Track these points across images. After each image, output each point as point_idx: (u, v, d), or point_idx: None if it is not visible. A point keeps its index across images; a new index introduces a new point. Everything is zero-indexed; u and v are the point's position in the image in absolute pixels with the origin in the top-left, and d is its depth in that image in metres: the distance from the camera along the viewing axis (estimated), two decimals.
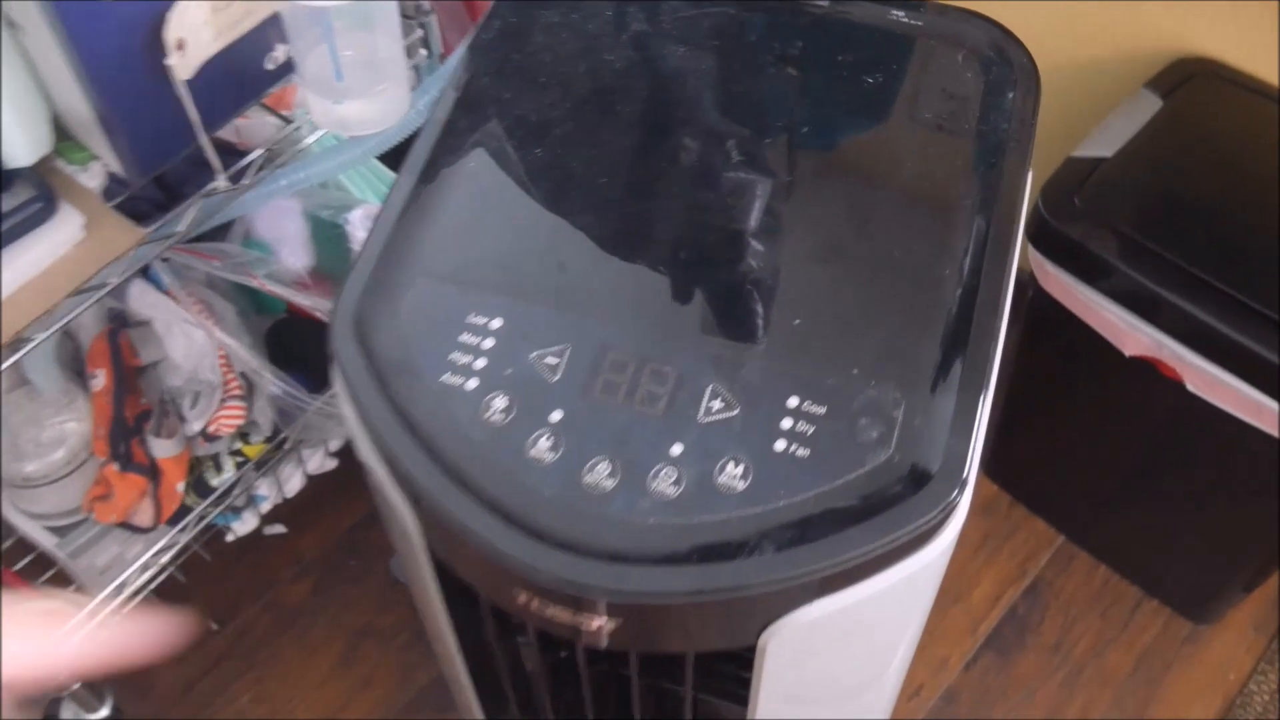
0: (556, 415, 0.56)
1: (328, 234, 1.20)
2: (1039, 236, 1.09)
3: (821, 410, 0.55)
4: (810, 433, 0.55)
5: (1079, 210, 1.08)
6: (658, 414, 0.56)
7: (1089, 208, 1.08)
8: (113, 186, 0.97)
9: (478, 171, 0.63)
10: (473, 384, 0.57)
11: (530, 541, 0.54)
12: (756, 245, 0.60)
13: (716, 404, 0.56)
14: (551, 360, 0.58)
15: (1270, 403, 1.02)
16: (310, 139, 1.03)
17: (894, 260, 0.60)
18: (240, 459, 1.20)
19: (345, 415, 0.61)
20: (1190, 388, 1.06)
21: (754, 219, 0.61)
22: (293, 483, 1.30)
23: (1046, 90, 0.69)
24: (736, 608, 0.55)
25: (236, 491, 1.21)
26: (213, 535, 1.28)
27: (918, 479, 0.54)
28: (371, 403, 0.58)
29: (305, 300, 1.12)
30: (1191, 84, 1.17)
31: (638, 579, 0.53)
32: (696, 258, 0.60)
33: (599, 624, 0.56)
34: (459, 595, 0.67)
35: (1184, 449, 1.18)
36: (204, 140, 0.90)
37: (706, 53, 0.68)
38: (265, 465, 1.22)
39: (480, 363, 0.58)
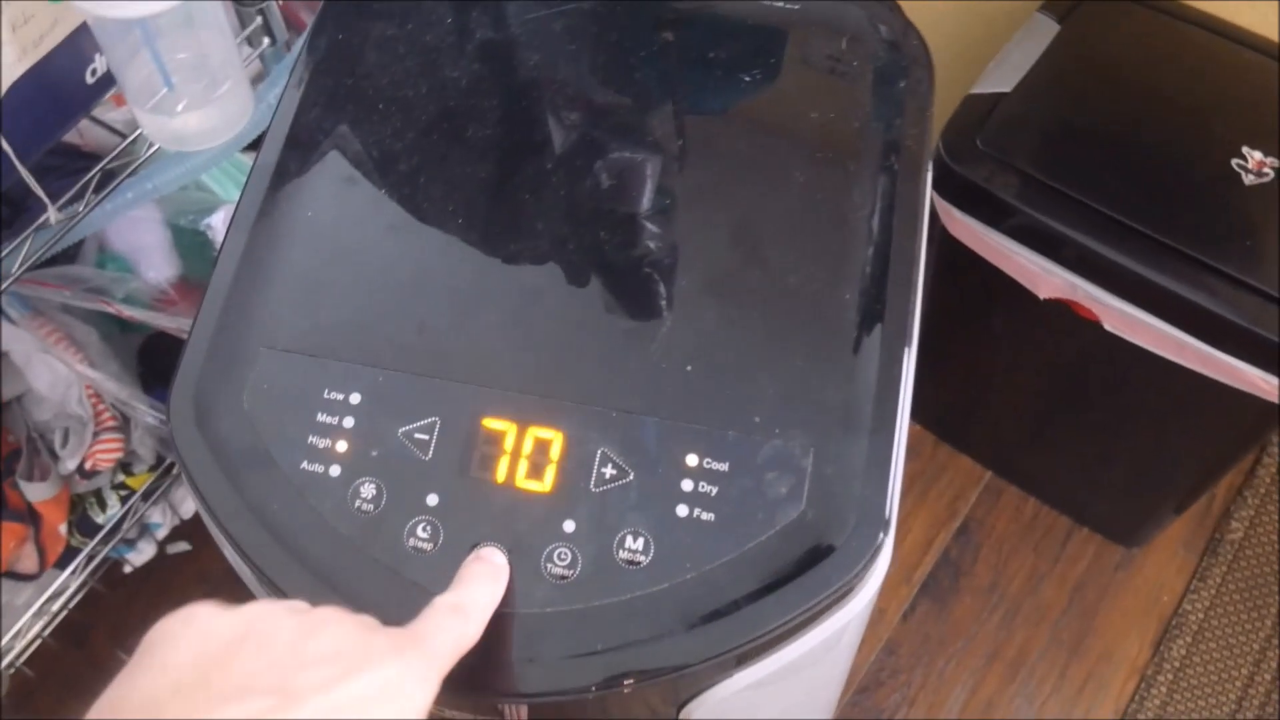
0: (433, 499, 0.51)
1: (191, 241, 1.11)
2: (942, 181, 1.04)
3: (724, 467, 0.50)
4: (714, 494, 0.50)
5: (981, 152, 1.03)
6: (545, 487, 0.50)
7: (991, 148, 1.03)
8: None
9: (317, 221, 0.56)
10: (336, 470, 0.51)
11: None
12: (637, 284, 0.54)
13: (609, 470, 0.51)
14: (421, 435, 0.51)
15: (1189, 339, 0.99)
16: (156, 146, 0.94)
17: (789, 288, 0.54)
18: (125, 492, 1.12)
19: (200, 510, 0.54)
20: (1107, 327, 1.03)
21: (632, 252, 0.55)
22: (188, 504, 1.22)
23: (939, 28, 0.63)
24: (651, 693, 0.50)
25: (126, 526, 1.13)
26: (111, 567, 1.20)
27: (835, 533, 0.49)
28: (223, 501, 0.51)
29: (169, 322, 1.03)
30: (1087, 3, 1.12)
31: (540, 678, 0.48)
32: (571, 303, 0.54)
33: None
34: None
35: (1105, 384, 1.15)
36: (24, 173, 0.81)
37: (564, 59, 0.61)
38: (154, 494, 1.14)
39: (342, 445, 0.51)
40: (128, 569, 1.22)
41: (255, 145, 1.05)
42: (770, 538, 0.49)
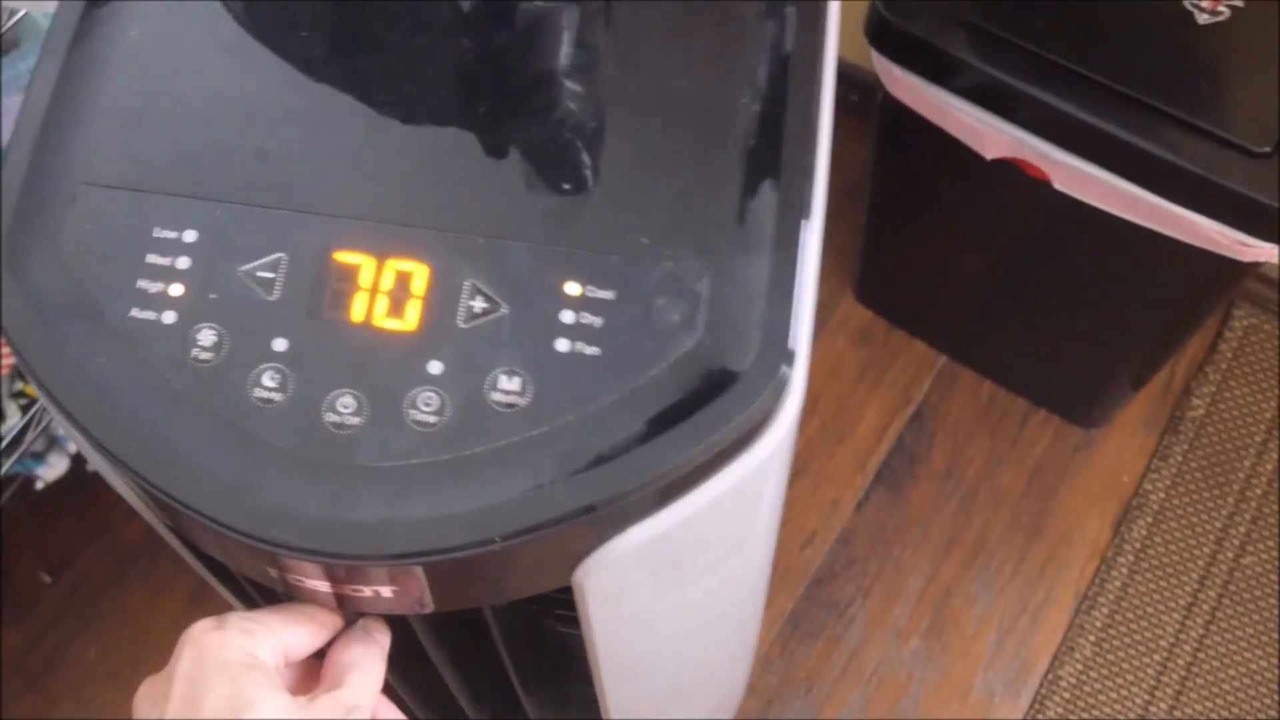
0: (280, 344, 0.44)
1: None
2: (880, 37, 0.98)
3: (609, 295, 0.44)
4: (598, 325, 0.44)
5: (923, 6, 0.96)
6: (408, 326, 0.44)
7: (933, 1, 0.96)
8: None
9: (142, 41, 0.49)
10: (170, 316, 0.45)
11: (266, 509, 0.43)
12: (502, 87, 0.48)
13: (478, 303, 0.44)
14: (265, 274, 0.45)
15: (1142, 193, 0.93)
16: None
17: (675, 92, 0.48)
18: (24, 400, 1.05)
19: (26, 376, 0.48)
20: (1057, 186, 0.97)
21: (500, 60, 0.49)
22: None
23: None
24: (534, 552, 0.44)
25: (29, 437, 1.07)
26: (21, 484, 1.14)
27: (735, 363, 0.44)
28: (42, 356, 0.45)
29: None
30: None
31: (406, 536, 0.42)
32: (427, 115, 0.48)
33: (370, 593, 0.45)
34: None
35: (1057, 251, 1.10)
36: None
37: None
38: None
39: (176, 288, 0.45)
40: (39, 485, 1.15)
41: None
42: (662, 371, 0.44)
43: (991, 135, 0.97)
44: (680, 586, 0.54)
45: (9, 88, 0.90)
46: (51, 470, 1.15)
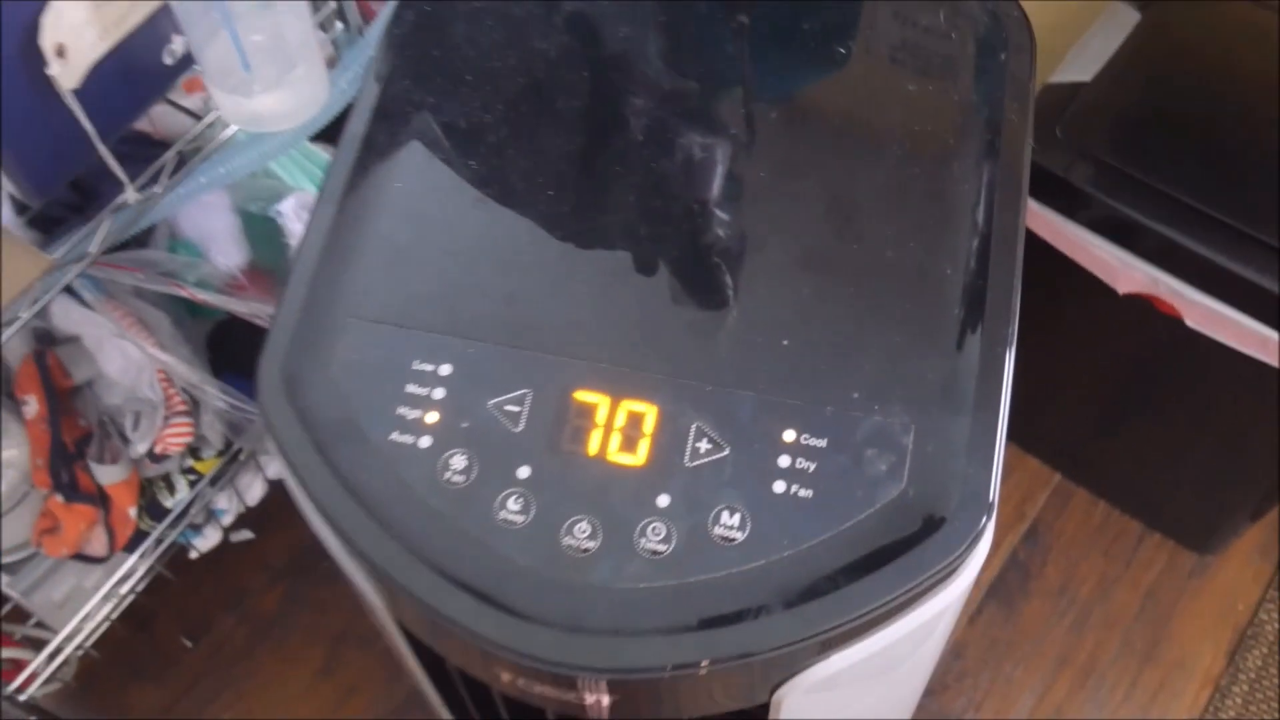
0: (524, 471, 0.50)
1: (261, 228, 1.12)
2: None
3: (822, 443, 0.49)
4: (811, 470, 0.49)
5: (1060, 141, 1.01)
6: (638, 461, 0.49)
7: (1070, 138, 1.01)
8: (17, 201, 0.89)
9: (406, 193, 0.56)
10: (426, 441, 0.50)
11: (509, 619, 0.48)
12: (729, 257, 0.53)
13: (703, 445, 0.49)
14: (512, 408, 0.51)
15: (1272, 334, 0.96)
16: (228, 132, 0.94)
17: (886, 260, 0.53)
18: (193, 476, 1.13)
19: (289, 485, 0.54)
20: (1190, 324, 1.01)
21: (728, 225, 0.54)
22: (253, 491, 1.23)
23: None
24: (745, 673, 0.49)
25: (193, 510, 1.14)
26: (176, 553, 1.21)
27: (936, 513, 0.48)
28: (313, 472, 0.51)
29: (241, 306, 1.03)
30: None
31: (633, 653, 0.47)
32: (663, 274, 0.53)
33: (593, 701, 0.50)
34: (437, 662, 0.61)
35: (1182, 382, 1.13)
36: (103, 152, 0.81)
37: (655, 31, 0.60)
38: (221, 479, 1.15)
39: (432, 416, 0.51)
40: (193, 555, 1.22)
41: (323, 136, 1.05)
42: (869, 516, 0.48)
43: (1124, 271, 1.01)
44: (859, 701, 0.58)
45: (206, 189, 0.98)
46: (205, 542, 1.22)
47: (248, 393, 1.09)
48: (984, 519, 0.48)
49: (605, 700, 0.50)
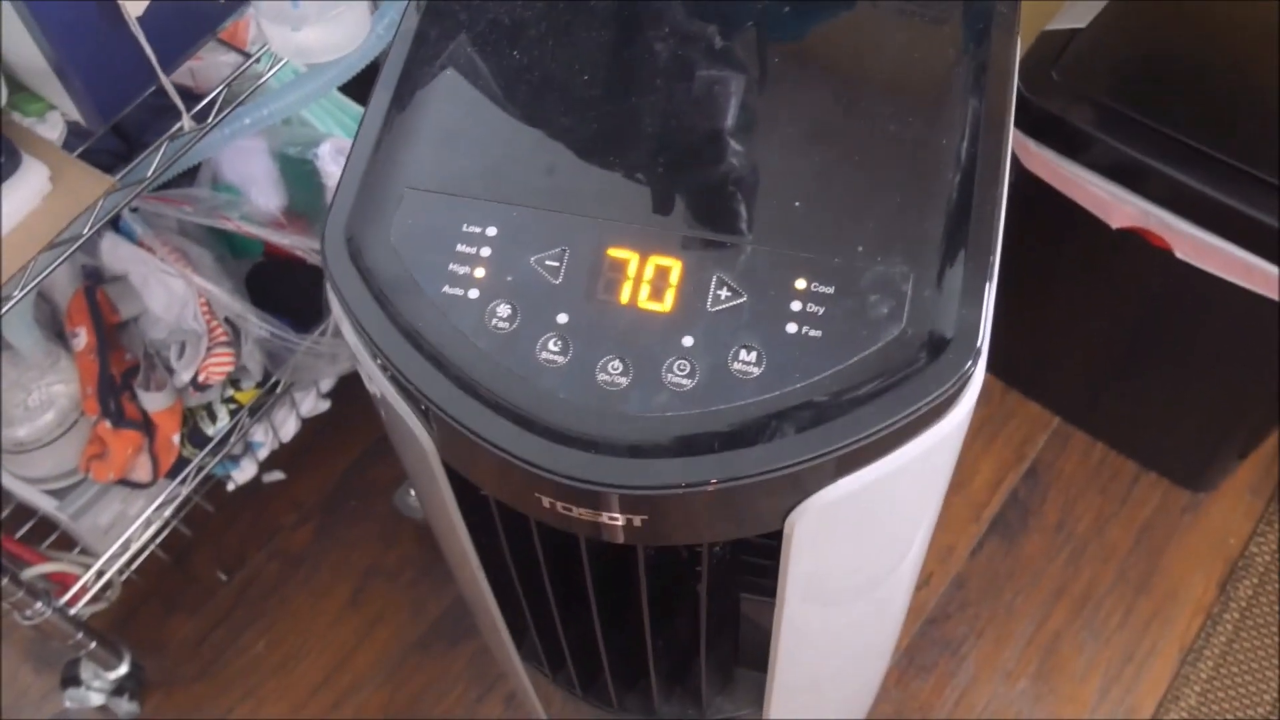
0: (563, 318, 0.56)
1: (297, 171, 1.18)
2: (1019, 114, 1.08)
3: (830, 290, 0.55)
4: (820, 313, 0.54)
5: (1057, 84, 1.07)
6: (665, 307, 0.55)
7: (1067, 81, 1.07)
8: (71, 139, 0.95)
9: (455, 80, 0.62)
10: (474, 293, 0.56)
11: (549, 444, 0.54)
12: (746, 135, 0.59)
13: (724, 293, 0.55)
14: (551, 263, 0.57)
15: (1263, 264, 1.02)
16: (270, 73, 1.01)
17: (887, 138, 0.58)
18: (234, 406, 1.19)
19: (347, 338, 0.60)
20: (1180, 255, 1.06)
21: (740, 110, 0.60)
22: (287, 427, 1.29)
23: None
24: (761, 493, 0.55)
25: (233, 439, 1.20)
26: (213, 486, 1.27)
27: (932, 350, 0.54)
28: (373, 321, 0.56)
29: (284, 239, 1.10)
30: None
31: (662, 471, 0.53)
32: (687, 151, 0.59)
33: (624, 521, 0.56)
34: (475, 509, 0.67)
35: (1175, 318, 1.18)
36: (164, 79, 0.87)
37: None
38: (259, 411, 1.21)
39: (479, 271, 0.57)
40: (230, 486, 1.28)
41: (351, 88, 1.11)
42: (873, 353, 0.54)
43: (1118, 206, 1.07)
44: (867, 539, 0.63)
45: (250, 130, 1.04)
46: (242, 474, 1.28)
47: (288, 324, 1.15)
48: (972, 354, 0.54)
49: (636, 520, 0.55)
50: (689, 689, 0.83)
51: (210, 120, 0.95)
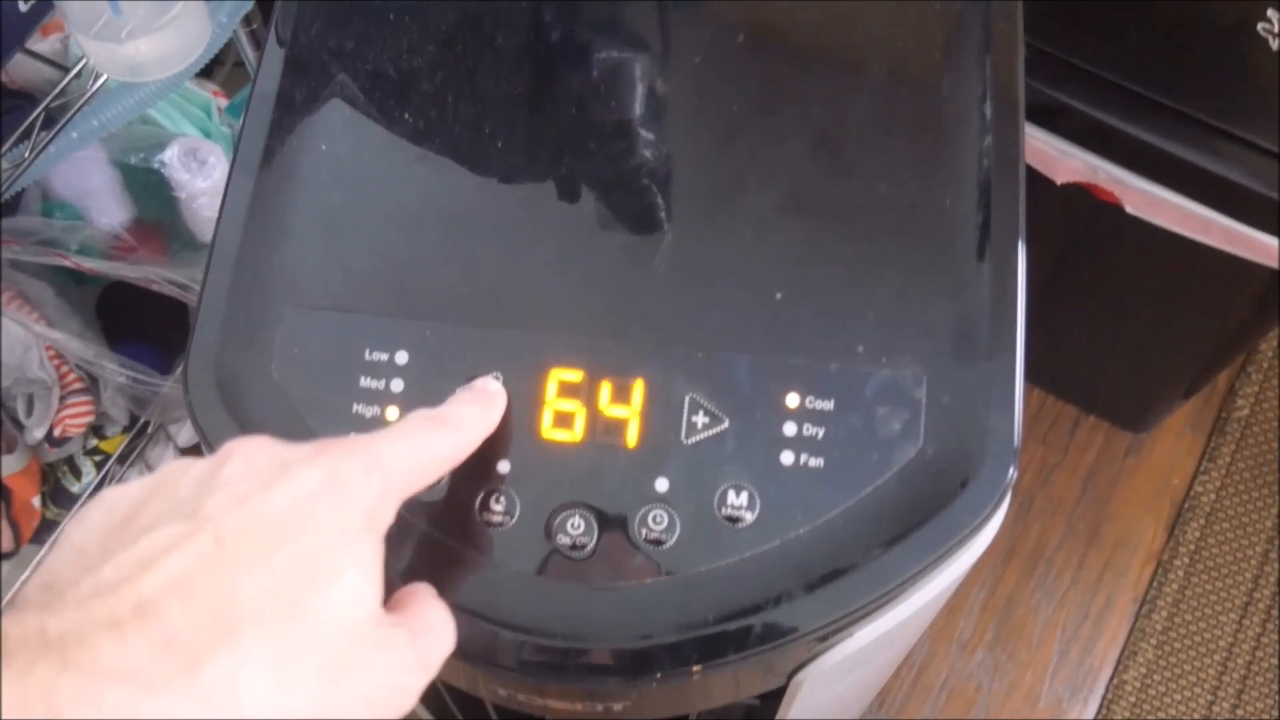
0: (504, 466, 0.45)
1: (144, 180, 1.02)
2: None
3: (829, 405, 0.45)
4: (820, 436, 0.44)
5: None
6: (629, 443, 0.45)
7: None
8: None
9: (334, 156, 0.49)
10: None
11: (507, 634, 0.43)
12: (711, 204, 0.48)
13: (699, 418, 0.45)
14: None
15: (1215, 215, 0.95)
16: (99, 82, 0.85)
17: (878, 197, 0.48)
18: (99, 456, 1.05)
19: None
20: (1130, 210, 0.98)
21: (704, 169, 0.49)
22: (166, 462, 1.15)
23: None
24: (763, 664, 0.45)
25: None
26: None
27: (959, 470, 0.44)
28: None
29: (132, 271, 0.95)
30: None
31: (647, 659, 0.43)
32: (637, 229, 0.48)
33: (603, 708, 0.46)
34: None
35: (1121, 269, 1.11)
36: None
37: None
38: (129, 456, 1.07)
39: (392, 411, 0.45)
40: None
41: (205, 73, 0.95)
42: (887, 481, 0.44)
43: (1064, 162, 0.98)
44: (865, 674, 0.55)
45: (79, 145, 0.89)
46: None
47: (149, 361, 1.01)
48: (1011, 469, 0.44)
49: (616, 707, 0.46)
50: None
51: (26, 153, 0.79)
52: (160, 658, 0.29)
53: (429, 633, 0.36)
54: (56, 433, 0.98)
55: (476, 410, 0.41)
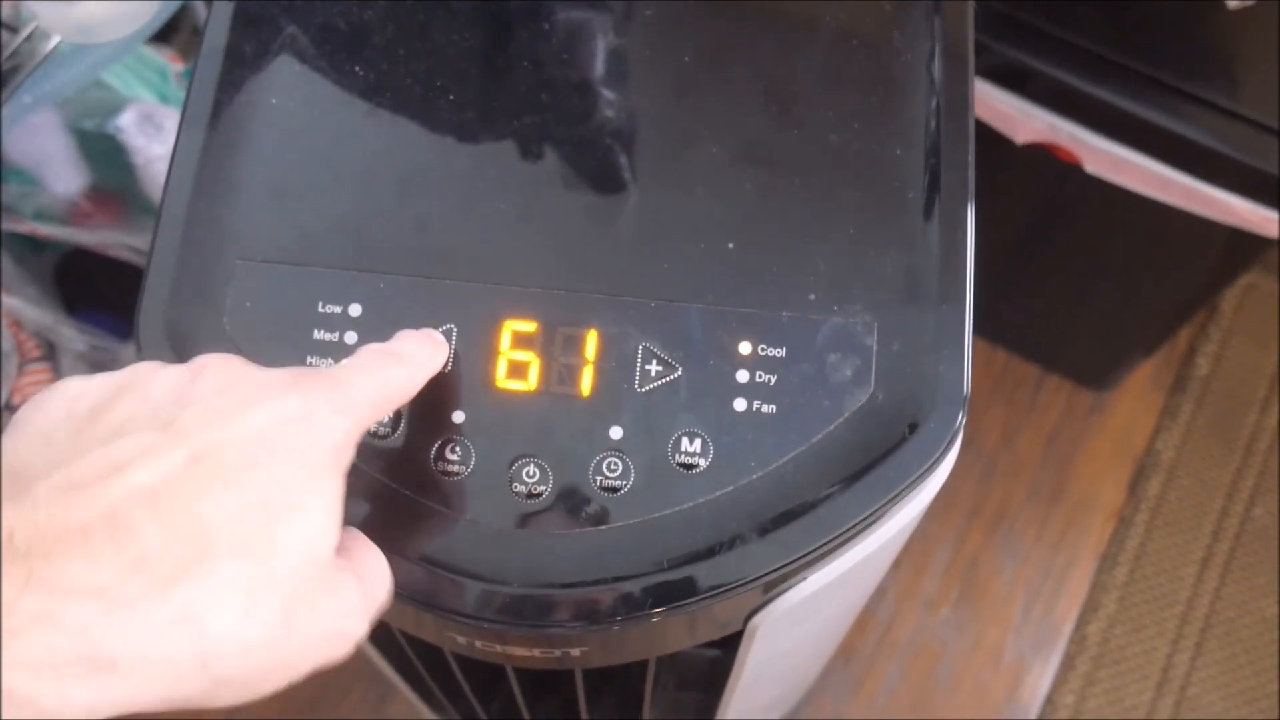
0: (459, 416, 0.45)
1: (99, 146, 1.01)
2: None
3: (781, 353, 0.45)
4: (772, 383, 0.45)
5: None
6: (583, 392, 0.45)
7: None
8: None
9: (285, 109, 0.48)
10: None
11: (465, 581, 0.43)
12: (664, 156, 0.48)
13: (653, 366, 0.45)
14: None
15: (1175, 174, 0.95)
16: (51, 43, 0.84)
17: (829, 146, 0.48)
18: None
19: None
20: (1089, 170, 0.99)
21: (657, 121, 0.49)
22: None
23: None
24: (719, 608, 0.45)
25: None
26: None
27: (909, 415, 0.45)
28: None
29: (89, 237, 0.94)
30: None
31: (605, 602, 0.43)
32: (590, 181, 0.48)
33: (560, 653, 0.46)
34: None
35: (1082, 228, 1.12)
36: None
37: None
38: None
39: None
40: None
41: (161, 39, 0.94)
42: (839, 426, 0.45)
43: (1023, 120, 0.99)
44: (820, 623, 0.55)
45: (32, 110, 0.88)
46: None
47: (108, 328, 1.00)
48: (960, 414, 0.45)
49: (574, 652, 0.46)
50: None
51: None
52: (129, 577, 0.28)
53: (371, 578, 0.36)
54: (15, 400, 0.97)
55: (425, 350, 0.41)
